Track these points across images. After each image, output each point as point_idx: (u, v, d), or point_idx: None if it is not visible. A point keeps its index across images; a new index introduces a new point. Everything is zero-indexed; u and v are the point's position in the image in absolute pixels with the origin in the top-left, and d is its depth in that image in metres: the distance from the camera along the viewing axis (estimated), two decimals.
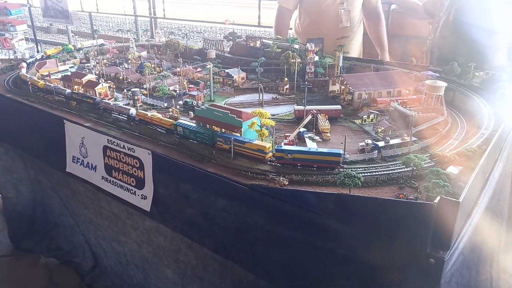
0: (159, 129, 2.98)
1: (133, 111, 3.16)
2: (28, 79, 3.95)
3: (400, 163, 2.34)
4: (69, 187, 3.88)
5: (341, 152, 2.40)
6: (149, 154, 2.78)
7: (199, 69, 4.63)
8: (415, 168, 2.21)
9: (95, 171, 3.21)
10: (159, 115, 3.04)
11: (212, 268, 2.92)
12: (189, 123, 2.92)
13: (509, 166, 2.84)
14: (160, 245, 3.24)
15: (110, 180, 3.13)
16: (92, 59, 4.90)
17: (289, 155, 2.43)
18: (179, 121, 2.94)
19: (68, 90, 3.66)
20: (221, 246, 2.75)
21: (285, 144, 2.75)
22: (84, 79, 3.80)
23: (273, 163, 2.50)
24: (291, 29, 6.07)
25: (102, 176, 3.17)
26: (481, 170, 2.11)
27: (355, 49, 5.60)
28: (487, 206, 2.28)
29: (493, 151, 2.43)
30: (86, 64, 4.85)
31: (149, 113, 3.09)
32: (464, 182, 2.03)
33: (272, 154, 2.54)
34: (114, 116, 3.27)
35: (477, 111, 3.08)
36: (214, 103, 3.65)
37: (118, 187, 3.08)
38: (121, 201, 3.16)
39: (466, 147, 2.44)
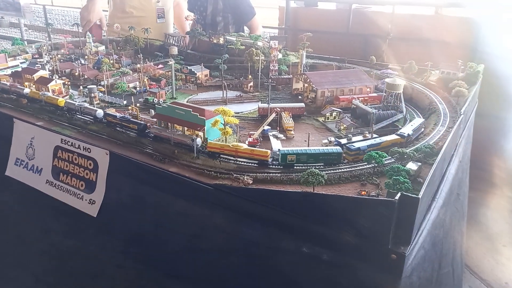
0: (248, 163, 2.40)
1: (199, 141, 2.53)
2: (41, 95, 3.27)
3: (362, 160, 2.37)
4: None
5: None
6: (107, 154, 2.65)
7: (160, 66, 4.50)
8: (376, 165, 2.24)
9: (39, 175, 3.01)
10: (244, 145, 2.45)
11: None
12: (300, 148, 2.44)
13: (465, 162, 2.96)
14: (73, 272, 2.89)
15: (55, 184, 2.94)
16: (45, 54, 4.64)
17: None
18: (284, 149, 2.41)
19: (100, 111, 2.97)
20: (165, 260, 2.59)
21: (249, 143, 2.71)
22: (36, 75, 3.59)
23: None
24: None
25: (47, 180, 2.97)
26: (438, 166, 2.17)
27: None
28: (446, 201, 2.36)
29: (450, 147, 2.52)
30: (38, 60, 4.58)
31: (230, 144, 2.47)
32: (422, 178, 2.09)
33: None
34: (169, 145, 2.63)
35: (434, 108, 3.18)
36: (176, 100, 3.56)
37: (63, 191, 2.88)
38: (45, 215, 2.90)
39: (424, 143, 2.51)
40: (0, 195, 3.32)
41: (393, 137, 2.59)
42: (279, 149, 2.42)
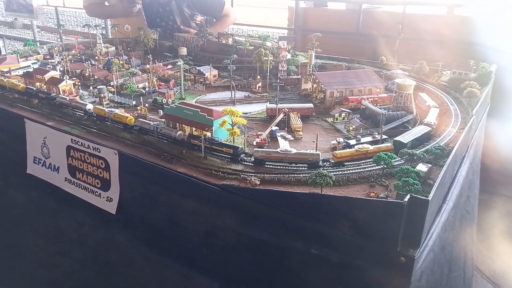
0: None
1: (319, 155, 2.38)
2: (108, 113, 2.98)
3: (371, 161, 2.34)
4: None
5: None
6: (116, 154, 2.66)
7: (169, 66, 4.52)
8: (385, 166, 2.21)
9: (57, 173, 3.05)
10: (369, 146, 2.45)
11: (172, 281, 2.76)
12: (409, 135, 2.55)
13: (476, 164, 2.91)
14: (109, 261, 3.01)
15: (73, 181, 2.98)
16: (57, 55, 4.69)
17: None
18: (401, 138, 2.50)
19: (180, 132, 2.70)
20: (186, 254, 2.64)
21: (257, 143, 2.70)
22: (47, 76, 3.62)
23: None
24: None
25: (65, 178, 3.02)
26: (449, 167, 2.14)
27: None
28: (456, 203, 2.32)
29: (461, 149, 2.47)
30: (50, 60, 4.63)
31: (356, 148, 2.42)
32: (432, 180, 2.05)
33: None
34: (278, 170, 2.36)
35: (445, 109, 3.14)
36: (184, 101, 3.57)
37: (82, 189, 2.94)
38: (76, 208, 2.97)
39: (435, 145, 2.47)
40: (31, 191, 3.41)
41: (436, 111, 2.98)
42: (395, 140, 2.52)
